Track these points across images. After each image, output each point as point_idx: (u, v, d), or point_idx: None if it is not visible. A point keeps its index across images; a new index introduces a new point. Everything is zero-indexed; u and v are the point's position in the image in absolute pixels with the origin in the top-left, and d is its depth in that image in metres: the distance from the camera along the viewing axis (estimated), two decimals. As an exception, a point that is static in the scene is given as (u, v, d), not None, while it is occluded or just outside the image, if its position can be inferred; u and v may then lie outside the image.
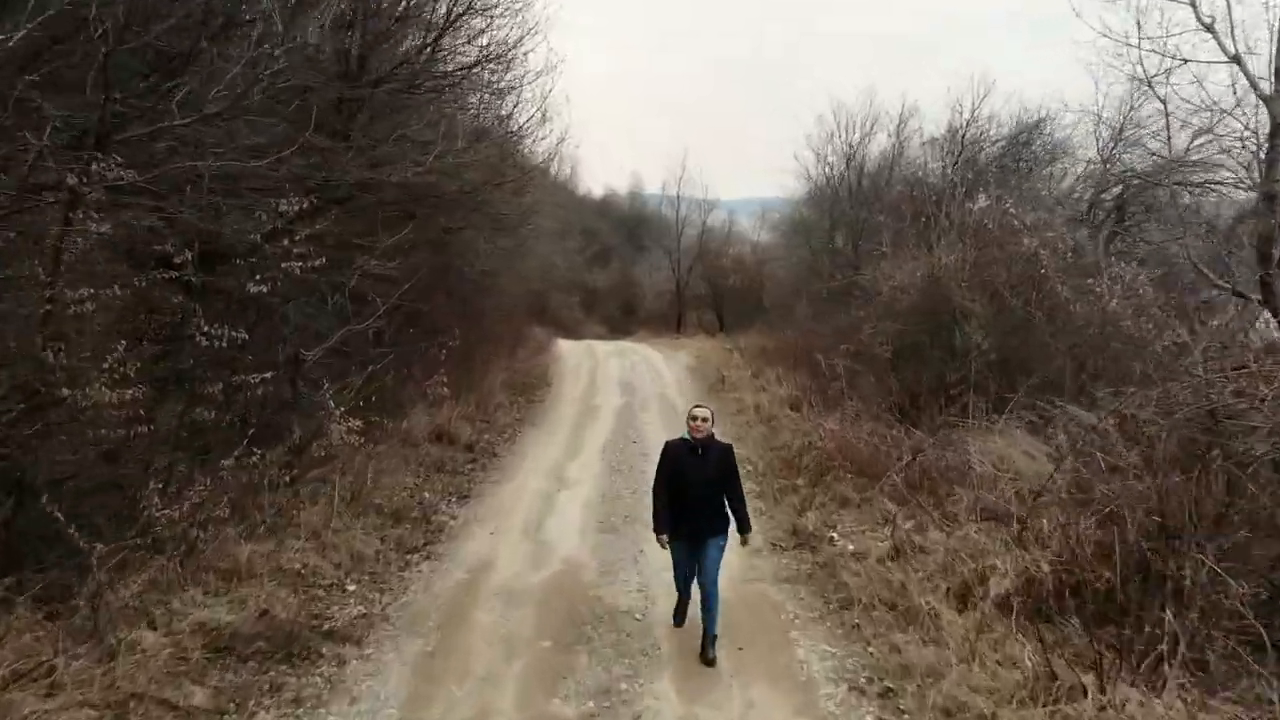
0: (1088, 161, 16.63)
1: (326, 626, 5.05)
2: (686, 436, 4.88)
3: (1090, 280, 11.31)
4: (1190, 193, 12.00)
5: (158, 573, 5.08)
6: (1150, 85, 10.78)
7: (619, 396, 14.44)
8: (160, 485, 5.15)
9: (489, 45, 11.20)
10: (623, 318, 34.30)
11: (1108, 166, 16.79)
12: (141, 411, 5.54)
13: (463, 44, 11.30)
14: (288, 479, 6.42)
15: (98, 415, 5.30)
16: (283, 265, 7.03)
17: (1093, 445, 6.11)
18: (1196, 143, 12.85)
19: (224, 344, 6.50)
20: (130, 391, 5.41)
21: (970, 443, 7.76)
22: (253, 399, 7.01)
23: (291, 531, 6.15)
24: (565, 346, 22.26)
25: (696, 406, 5.00)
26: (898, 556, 6.17)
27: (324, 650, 4.78)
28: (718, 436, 5.04)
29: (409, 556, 6.34)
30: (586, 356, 20.51)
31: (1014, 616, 4.96)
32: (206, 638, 4.68)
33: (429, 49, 10.59)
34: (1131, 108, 15.00)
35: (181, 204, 6.43)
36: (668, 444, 5.00)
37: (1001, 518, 6.37)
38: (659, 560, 6.21)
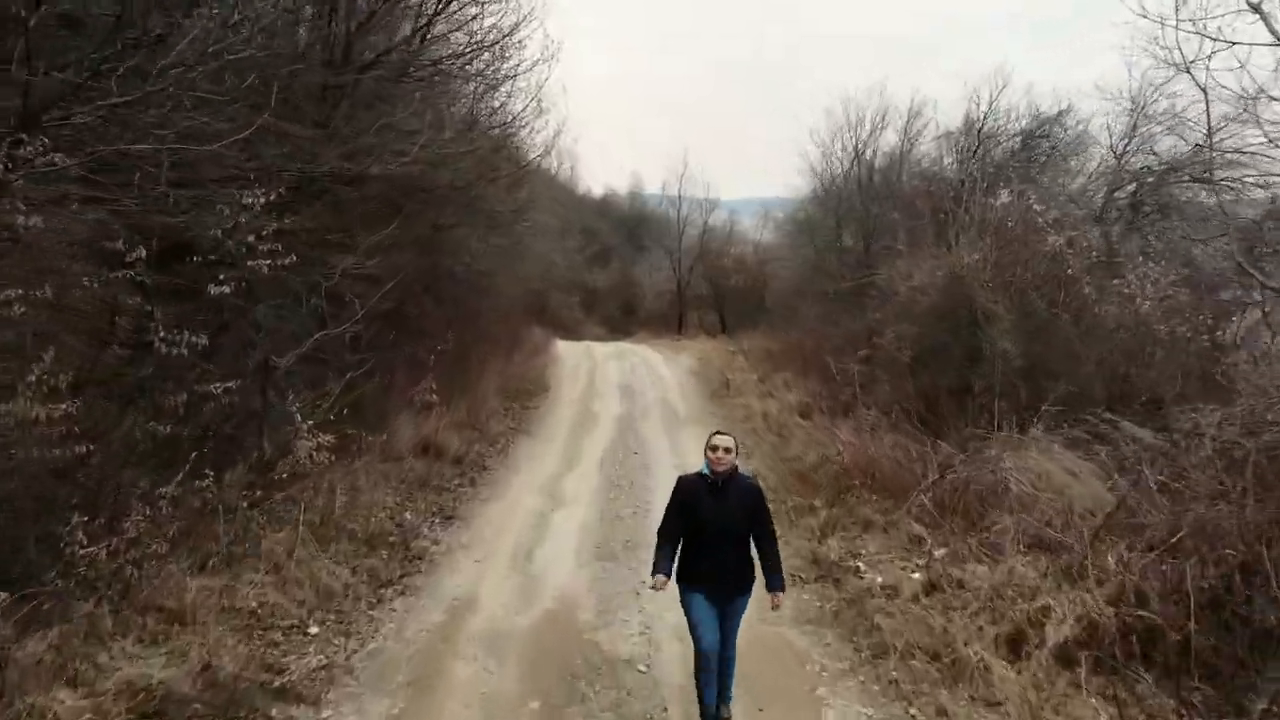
0: (1106, 149, 15.96)
1: (278, 683, 4.34)
2: (704, 470, 3.97)
3: (1117, 281, 10.67)
4: (1235, 186, 11.26)
5: (84, 620, 4.38)
6: (1189, 70, 10.05)
7: (619, 403, 13.74)
8: (85, 518, 4.43)
9: (481, 31, 10.56)
10: (623, 318, 33.62)
11: (1122, 161, 16.13)
12: (77, 428, 4.88)
13: (453, 31, 10.64)
14: (245, 503, 5.71)
15: (24, 434, 4.65)
16: (249, 263, 6.39)
17: (1157, 467, 5.41)
18: (1218, 134, 12.14)
19: (183, 350, 5.86)
20: (64, 406, 4.76)
21: (1005, 458, 7.05)
22: (216, 411, 6.32)
23: (249, 564, 5.45)
24: (563, 348, 21.56)
25: (717, 434, 4.04)
26: (933, 592, 5.48)
27: (273, 713, 4.08)
28: (743, 469, 4.15)
29: (382, 591, 5.63)
30: (585, 358, 19.81)
31: (1081, 671, 4.26)
32: (134, 700, 3.97)
33: (422, 32, 9.91)
34: (1147, 102, 14.27)
35: (132, 195, 5.76)
36: (681, 479, 4.06)
37: (1052, 548, 5.67)
38: (663, 595, 5.52)
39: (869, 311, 12.78)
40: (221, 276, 6.15)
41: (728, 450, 3.92)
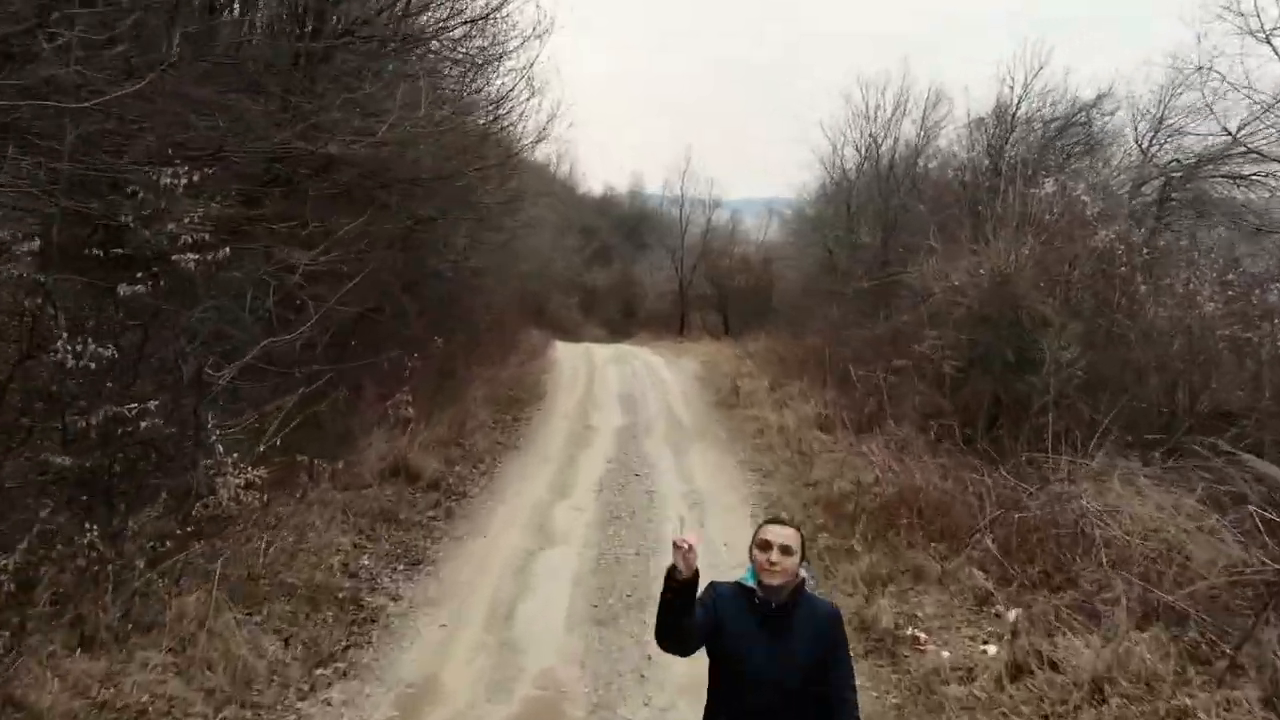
0: (1132, 143, 14.90)
1: (151, 830, 3.18)
2: (748, 580, 2.28)
3: (1168, 280, 9.60)
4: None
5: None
6: (1269, 40, 8.92)
7: (619, 415, 12.55)
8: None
9: (466, 2, 9.43)
10: (623, 319, 32.50)
11: (1149, 155, 15.06)
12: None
13: (435, 3, 9.51)
14: (142, 562, 4.52)
15: None
16: (173, 258, 5.28)
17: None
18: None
19: (90, 363, 4.76)
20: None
21: (1082, 493, 5.88)
22: (130, 438, 5.14)
23: (147, 639, 4.27)
24: (561, 350, 20.40)
25: (771, 524, 2.33)
26: (1020, 676, 4.30)
27: None
28: (810, 581, 2.33)
29: (319, 672, 4.44)
30: (583, 362, 18.64)
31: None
32: None
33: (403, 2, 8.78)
34: (1205, 76, 13.04)
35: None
36: (717, 589, 2.33)
37: (1161, 615, 4.48)
38: (677, 675, 4.36)
39: (895, 314, 11.63)
40: (140, 275, 5.07)
41: (787, 551, 2.21)
